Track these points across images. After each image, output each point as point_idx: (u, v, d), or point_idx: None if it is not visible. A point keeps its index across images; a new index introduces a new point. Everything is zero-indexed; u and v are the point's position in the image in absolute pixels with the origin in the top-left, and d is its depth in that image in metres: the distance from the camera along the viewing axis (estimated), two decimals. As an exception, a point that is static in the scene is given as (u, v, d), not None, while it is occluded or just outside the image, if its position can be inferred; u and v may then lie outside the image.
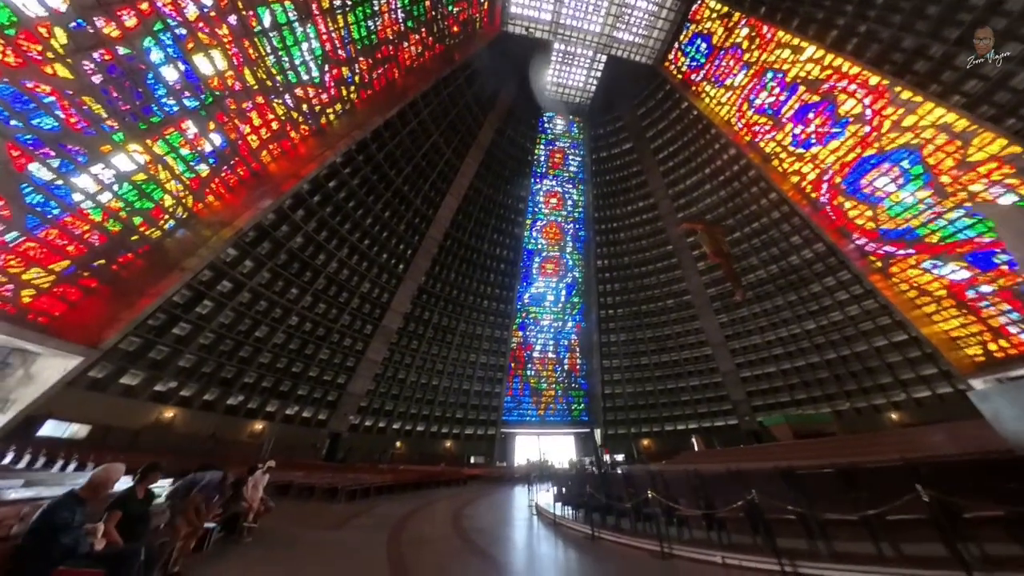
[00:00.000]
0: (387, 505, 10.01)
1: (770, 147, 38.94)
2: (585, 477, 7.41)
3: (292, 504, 9.46)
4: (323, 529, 6.40)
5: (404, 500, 11.40)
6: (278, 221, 22.28)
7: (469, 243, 40.04)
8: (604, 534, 5.46)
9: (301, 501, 10.15)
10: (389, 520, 7.55)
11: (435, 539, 5.67)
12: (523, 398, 42.15)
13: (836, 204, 33.72)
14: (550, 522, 7.26)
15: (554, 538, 5.95)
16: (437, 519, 7.96)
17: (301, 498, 10.46)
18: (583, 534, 5.80)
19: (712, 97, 44.74)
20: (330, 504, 9.57)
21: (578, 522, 6.81)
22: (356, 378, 29.92)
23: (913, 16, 24.80)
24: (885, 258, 30.61)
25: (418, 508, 9.68)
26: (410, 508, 9.61)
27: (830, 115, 33.49)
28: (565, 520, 7.19)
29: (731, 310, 39.34)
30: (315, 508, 9.04)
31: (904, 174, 28.90)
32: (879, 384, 29.86)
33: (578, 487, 7.51)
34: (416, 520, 7.73)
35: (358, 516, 8.05)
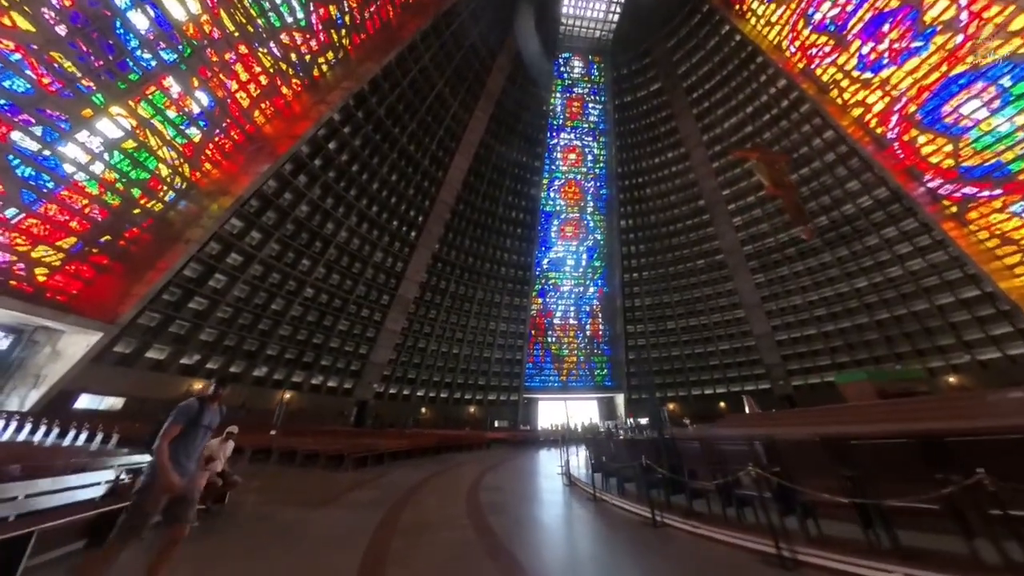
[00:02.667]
0: (399, 473, 9.28)
1: (828, 74, 33.55)
2: (638, 444, 6.05)
3: (293, 473, 8.87)
4: (308, 506, 5.44)
5: (420, 466, 10.74)
6: (280, 188, 21.15)
7: (483, 206, 37.98)
8: (671, 520, 4.21)
9: (304, 469, 9.48)
10: (393, 493, 6.62)
11: (440, 523, 4.59)
12: (544, 364, 41.71)
13: (907, 140, 29.05)
14: (589, 497, 6.11)
15: (600, 523, 4.75)
16: (450, 492, 6.99)
17: (305, 466, 9.84)
18: (639, 518, 4.57)
19: (760, 16, 38.48)
20: (334, 473, 8.89)
21: (628, 500, 5.63)
22: (377, 348, 29.97)
23: None
24: (963, 202, 26.51)
25: (432, 476, 8.86)
26: (423, 476, 8.80)
27: (911, 24, 27.84)
28: (610, 497, 6.01)
29: (768, 269, 36.11)
30: (316, 478, 8.31)
31: (1003, 94, 24.10)
32: (937, 346, 26.86)
33: (627, 455, 6.21)
34: (425, 493, 6.80)
35: (360, 487, 7.23)
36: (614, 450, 6.61)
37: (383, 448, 11.03)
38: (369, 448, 10.47)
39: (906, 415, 6.42)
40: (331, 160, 23.58)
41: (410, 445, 13.25)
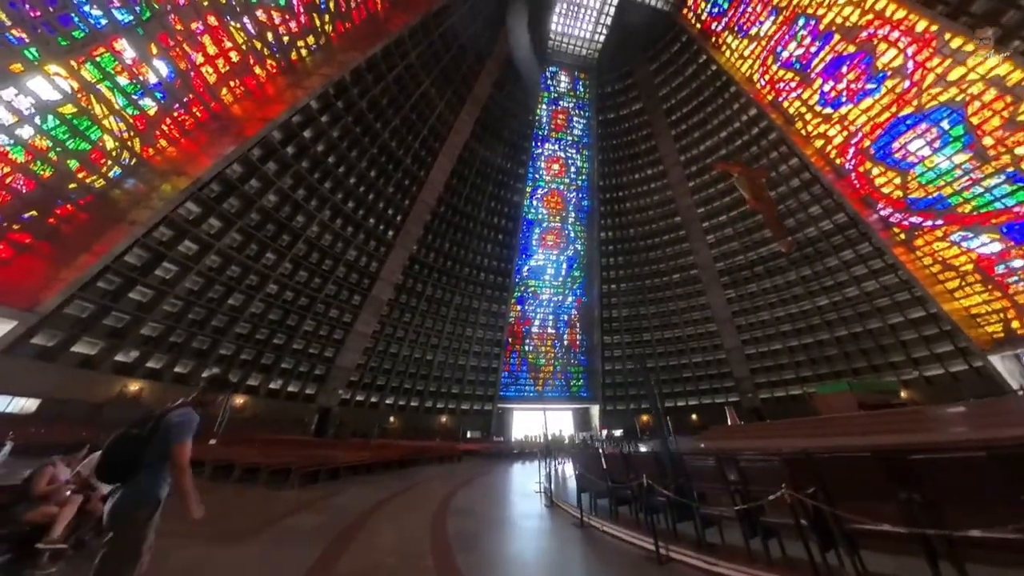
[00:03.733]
0: (354, 491, 8.06)
1: (794, 107, 35.91)
2: (635, 460, 5.36)
3: (225, 492, 7.57)
4: (223, 539, 4.22)
5: (381, 483, 9.50)
6: (246, 174, 19.63)
7: (464, 210, 37.36)
8: (680, 554, 3.52)
9: (241, 486, 8.02)
10: (342, 518, 5.46)
11: (395, 568, 3.70)
12: (521, 374, 41.00)
13: (862, 171, 31.32)
14: (575, 523, 5.33)
15: (595, 559, 3.98)
16: (412, 517, 5.86)
17: (243, 482, 8.37)
18: (639, 550, 3.86)
19: (734, 50, 40.96)
20: (277, 491, 7.62)
21: (624, 527, 4.76)
22: (345, 351, 28.23)
23: None
24: (910, 230, 28.66)
25: (393, 496, 7.68)
26: (383, 496, 7.63)
27: (866, 68, 30.37)
28: (600, 522, 5.17)
29: (739, 285, 37.60)
30: (252, 497, 7.02)
31: (942, 136, 26.46)
32: (890, 362, 28.61)
33: (622, 472, 5.44)
34: (382, 518, 5.65)
35: (302, 510, 6.05)
36: (606, 466, 5.86)
37: (339, 461, 9.79)
38: (322, 461, 9.23)
39: (904, 426, 6.25)
40: (305, 149, 22.28)
41: (372, 458, 11.97)
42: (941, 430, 6.41)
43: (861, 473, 2.62)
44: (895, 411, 8.43)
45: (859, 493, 2.60)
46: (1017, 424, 6.05)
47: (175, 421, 2.20)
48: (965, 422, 7.22)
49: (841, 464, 2.77)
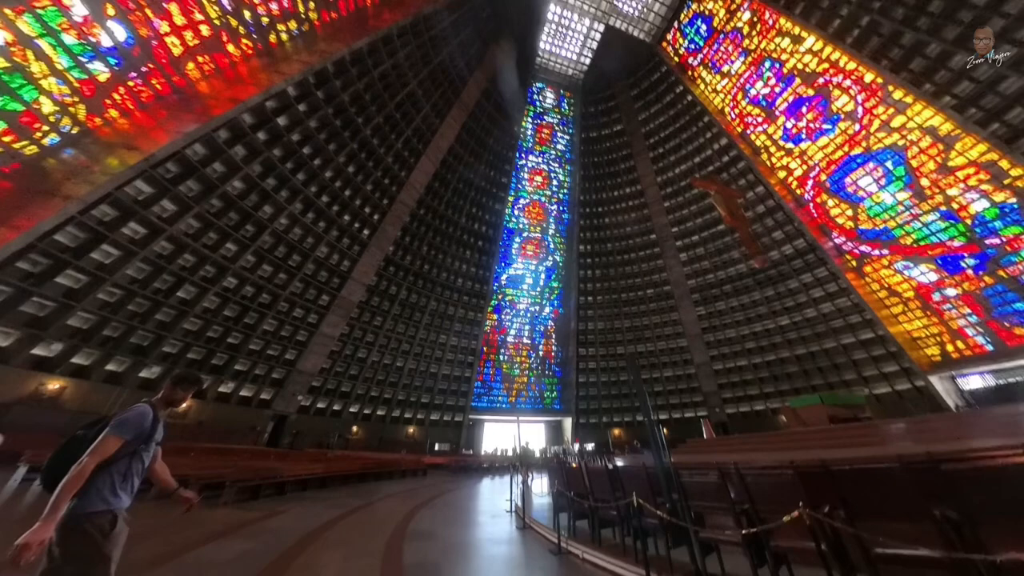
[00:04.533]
0: (299, 510, 7.02)
1: (760, 140, 38.42)
2: (622, 476, 4.70)
3: (142, 509, 6.40)
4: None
5: (333, 500, 8.42)
6: (209, 156, 18.20)
7: (445, 214, 36.76)
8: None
9: (164, 502, 6.71)
10: (274, 545, 4.51)
11: None
12: (494, 384, 40.09)
13: (819, 201, 33.71)
14: (552, 548, 4.67)
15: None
16: (362, 543, 4.92)
17: (168, 498, 7.15)
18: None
19: (707, 84, 43.64)
20: (207, 509, 6.53)
21: (608, 553, 4.18)
22: (308, 354, 26.42)
23: (916, 10, 24.18)
24: (860, 258, 30.91)
25: (344, 516, 6.69)
26: (332, 516, 6.63)
27: (823, 111, 33.13)
28: (581, 548, 4.52)
29: (709, 302, 39.02)
30: (174, 516, 5.93)
31: (887, 175, 29.01)
32: (844, 380, 30.33)
33: (605, 490, 4.79)
34: (322, 546, 4.67)
35: (230, 534, 5.03)
36: (588, 482, 5.19)
37: (286, 474, 8.66)
38: (266, 474, 8.12)
39: (869, 439, 6.23)
40: (278, 136, 21.07)
41: (326, 471, 10.81)
42: (928, 442, 6.50)
43: (886, 487, 2.30)
44: (863, 424, 8.63)
45: (885, 511, 2.26)
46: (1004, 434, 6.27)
47: (123, 413, 2.01)
48: (947, 433, 7.40)
49: (865, 477, 2.43)
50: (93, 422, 2.06)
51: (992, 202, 23.99)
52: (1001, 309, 23.92)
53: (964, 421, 9.68)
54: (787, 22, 34.45)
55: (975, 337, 25.09)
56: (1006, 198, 23.37)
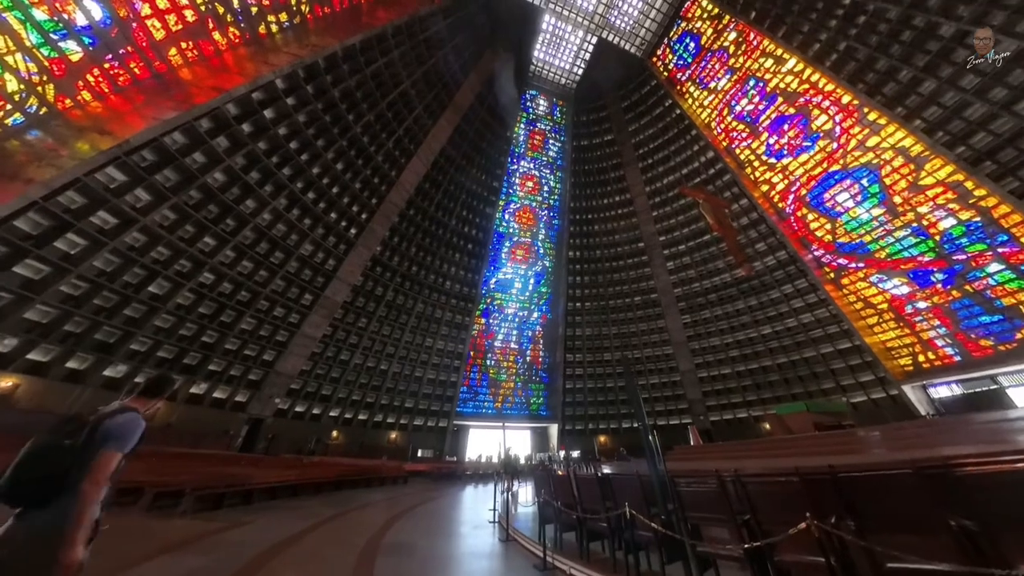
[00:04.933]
0: (266, 520, 6.48)
1: (745, 154, 39.60)
2: (612, 484, 4.40)
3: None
4: None
5: (305, 509, 7.87)
6: (189, 146, 17.48)
7: (435, 216, 36.41)
8: None
9: (116, 512, 6.04)
10: (228, 563, 4.18)
11: None
12: (480, 389, 39.57)
13: (800, 215, 34.81)
14: (536, 564, 4.33)
15: None
16: (329, 559, 4.47)
17: (121, 505, 6.46)
18: None
19: (695, 99, 44.91)
20: (162, 518, 5.93)
21: (597, 569, 3.93)
22: (288, 356, 25.48)
23: (889, 39, 25.44)
24: (838, 270, 31.94)
25: (314, 527, 6.17)
26: (301, 528, 6.10)
27: (803, 129, 34.44)
28: (569, 563, 4.22)
29: (694, 311, 39.63)
30: (124, 527, 5.21)
31: (862, 192, 30.22)
32: (822, 388, 31.09)
33: (595, 499, 4.47)
34: (285, 562, 4.23)
35: (182, 548, 4.50)
36: (577, 491, 4.90)
37: (254, 481, 8.07)
38: (232, 481, 7.53)
39: (852, 446, 6.22)
40: (264, 129, 20.46)
41: (299, 478, 10.18)
42: (913, 448, 6.55)
43: (898, 496, 2.15)
44: (846, 431, 8.75)
45: (896, 522, 2.10)
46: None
47: (119, 422, 1.79)
48: (931, 439, 7.50)
49: (875, 485, 2.27)
50: (70, 424, 1.76)
51: (959, 220, 25.19)
52: (968, 322, 24.97)
53: (942, 428, 9.94)
54: (770, 44, 35.84)
55: (944, 348, 26.10)
56: (971, 217, 24.58)
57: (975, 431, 8.68)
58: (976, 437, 7.44)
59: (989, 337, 24.09)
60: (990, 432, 7.81)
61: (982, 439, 7.15)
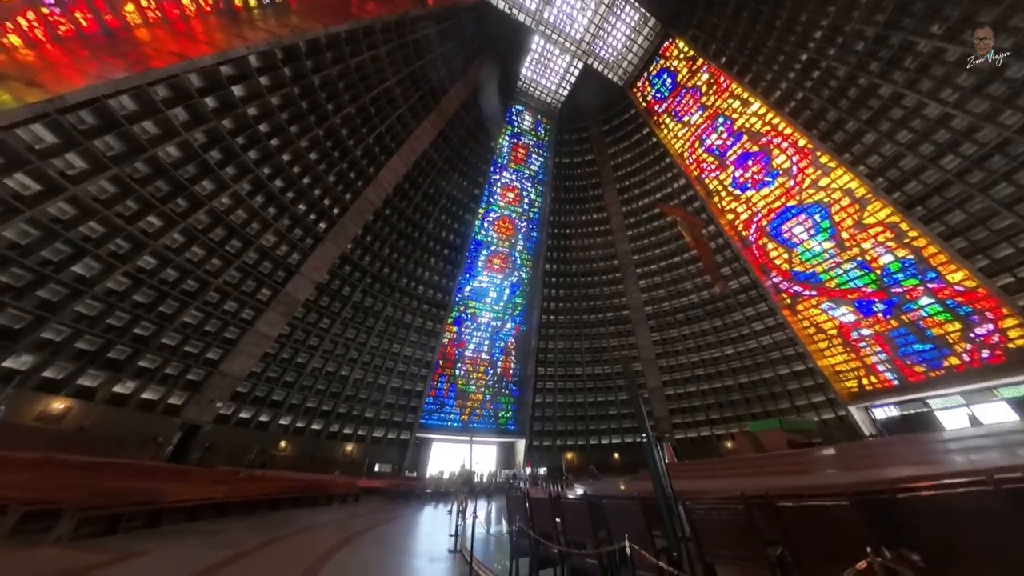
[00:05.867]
0: (166, 550, 5.21)
1: (713, 184, 42.08)
2: (605, 510, 3.62)
3: None
4: None
5: (227, 535, 6.55)
6: (140, 113, 15.77)
7: (412, 218, 35.40)
8: None
9: None
10: None
11: None
12: (447, 400, 38.00)
13: (761, 244, 37.11)
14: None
15: None
16: None
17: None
18: None
19: (670, 129, 47.58)
20: (34, 546, 4.59)
21: None
22: (236, 355, 23.13)
23: (838, 94, 28.16)
24: (794, 296, 34.07)
25: (227, 562, 4.97)
26: (209, 562, 4.91)
27: (765, 165, 37.20)
28: None
29: (663, 329, 40.71)
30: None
31: (815, 226, 32.76)
32: (779, 408, 32.53)
33: (583, 527, 3.71)
34: None
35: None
36: (560, 519, 4.12)
37: (167, 499, 6.63)
38: (135, 498, 6.10)
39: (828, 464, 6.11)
40: (231, 106, 18.99)
41: (227, 495, 8.64)
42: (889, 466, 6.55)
43: (973, 522, 1.71)
44: (816, 450, 8.83)
45: (964, 552, 1.69)
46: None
47: None
48: (899, 458, 7.58)
49: (945, 508, 1.81)
50: None
51: (896, 257, 27.72)
52: (904, 349, 27.16)
53: (889, 449, 10.33)
54: (738, 87, 38.84)
55: (885, 373, 28.16)
56: (906, 254, 27.14)
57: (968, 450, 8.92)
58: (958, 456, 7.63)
59: (922, 364, 26.27)
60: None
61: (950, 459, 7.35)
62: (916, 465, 8.03)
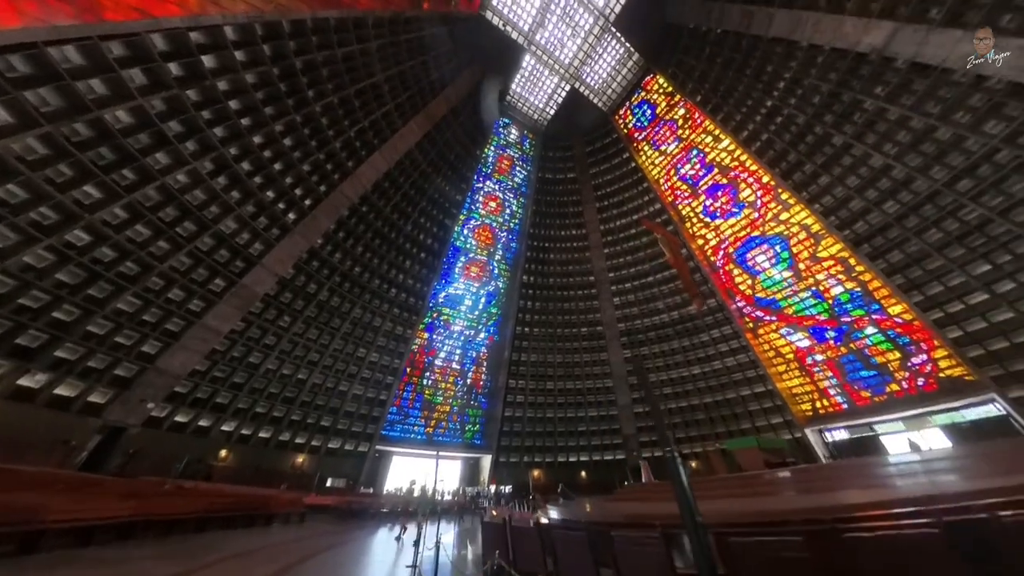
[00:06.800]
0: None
1: (686, 210, 44.19)
2: (613, 544, 2.87)
3: None
4: None
5: (124, 566, 5.17)
6: (89, 68, 14.08)
7: (391, 217, 34.20)
8: None
9: None
10: None
11: None
12: (412, 410, 36.14)
13: (727, 269, 39.01)
14: None
15: None
16: None
17: None
18: None
19: (648, 157, 49.88)
20: None
21: None
22: (178, 350, 20.74)
23: (798, 138, 30.55)
24: (756, 321, 35.79)
25: None
26: None
27: (733, 197, 39.60)
28: None
29: (635, 346, 41.34)
30: None
31: (776, 256, 34.92)
32: (741, 428, 33.52)
33: (576, 567, 2.88)
34: None
35: None
36: (549, 555, 3.37)
37: (49, 518, 5.24)
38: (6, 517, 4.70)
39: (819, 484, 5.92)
40: (200, 77, 17.53)
41: (135, 512, 7.09)
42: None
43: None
44: (797, 470, 8.78)
45: None
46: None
47: None
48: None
49: None
50: None
51: (845, 288, 29.88)
52: (852, 375, 28.93)
53: (835, 473, 10.53)
54: (711, 124, 41.50)
55: (836, 396, 29.79)
56: (854, 287, 29.31)
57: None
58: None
59: (867, 389, 28.02)
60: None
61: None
62: (864, 490, 8.15)
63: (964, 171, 20.87)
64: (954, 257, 22.39)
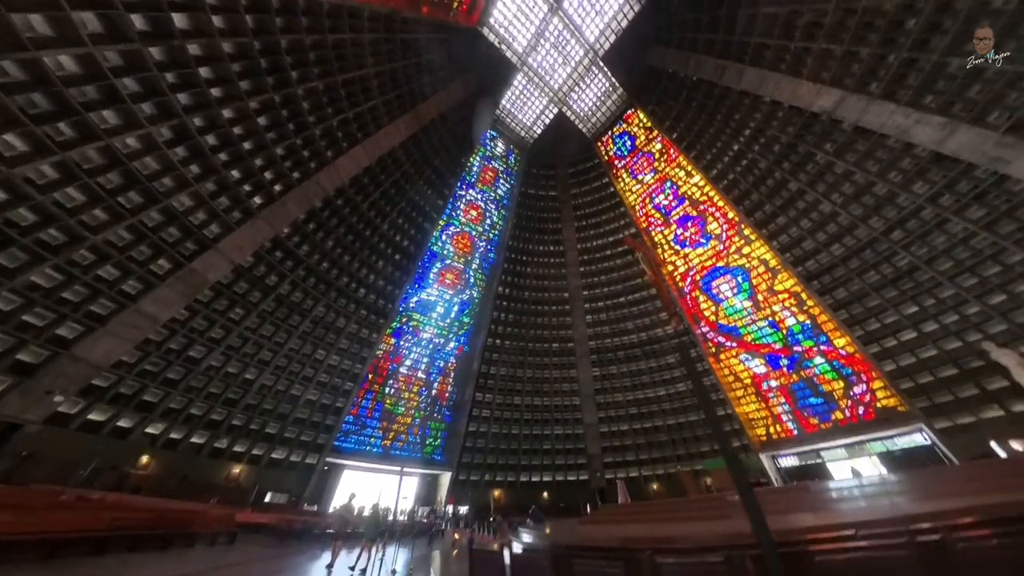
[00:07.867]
0: None
1: (659, 237, 46.24)
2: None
3: None
4: None
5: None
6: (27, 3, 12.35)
7: (367, 215, 32.77)
8: None
9: None
10: None
11: None
12: (370, 420, 33.82)
13: (694, 295, 40.84)
14: None
15: None
16: None
17: None
18: None
19: (626, 184, 52.21)
20: None
21: None
22: (102, 336, 18.03)
23: (759, 181, 33.11)
24: (718, 346, 37.41)
25: None
26: None
27: (701, 228, 42.02)
28: None
29: (604, 365, 41.70)
30: None
31: (738, 286, 37.07)
32: (700, 451, 34.28)
33: None
34: None
35: None
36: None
37: None
38: None
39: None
40: (167, 36, 15.97)
41: (7, 528, 5.64)
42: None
43: None
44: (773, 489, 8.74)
45: None
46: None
47: None
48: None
49: None
50: None
51: (797, 320, 32.06)
52: (802, 402, 30.64)
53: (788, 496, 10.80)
54: (684, 160, 44.31)
55: (787, 423, 31.31)
56: (804, 319, 31.49)
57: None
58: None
59: (815, 416, 29.71)
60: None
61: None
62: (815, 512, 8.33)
63: (897, 223, 23.41)
64: (889, 297, 24.75)
